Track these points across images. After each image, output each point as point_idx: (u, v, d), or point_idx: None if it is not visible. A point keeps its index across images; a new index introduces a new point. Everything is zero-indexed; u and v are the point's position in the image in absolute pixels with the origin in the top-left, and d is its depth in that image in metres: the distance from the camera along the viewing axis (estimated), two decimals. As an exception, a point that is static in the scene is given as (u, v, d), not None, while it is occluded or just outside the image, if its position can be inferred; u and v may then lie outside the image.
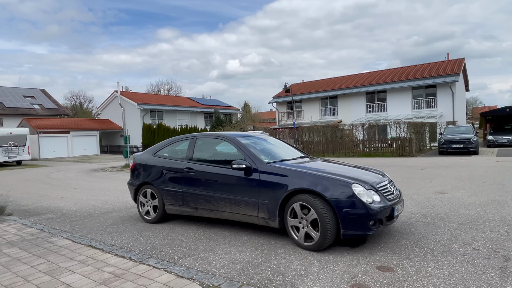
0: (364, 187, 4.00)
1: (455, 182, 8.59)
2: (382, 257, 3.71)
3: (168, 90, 60.65)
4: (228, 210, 4.77)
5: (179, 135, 30.51)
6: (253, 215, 4.51)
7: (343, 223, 3.84)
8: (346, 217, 3.83)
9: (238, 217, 4.70)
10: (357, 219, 3.82)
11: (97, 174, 15.16)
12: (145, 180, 5.74)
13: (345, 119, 30.78)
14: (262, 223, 4.47)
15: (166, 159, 5.62)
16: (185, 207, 5.24)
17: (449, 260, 3.56)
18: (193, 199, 5.11)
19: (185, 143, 5.62)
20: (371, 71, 35.86)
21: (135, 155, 6.26)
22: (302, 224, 4.07)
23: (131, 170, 6.13)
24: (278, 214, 4.26)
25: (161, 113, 37.48)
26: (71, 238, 4.93)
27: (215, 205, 4.88)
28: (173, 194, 5.34)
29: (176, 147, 5.75)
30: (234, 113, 46.38)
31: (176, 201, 5.33)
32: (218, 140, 5.47)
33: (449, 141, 18.09)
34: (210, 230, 5.03)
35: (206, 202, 4.97)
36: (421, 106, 28.19)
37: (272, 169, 4.44)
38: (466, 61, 29.91)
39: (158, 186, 5.52)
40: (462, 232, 4.48)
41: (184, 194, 5.22)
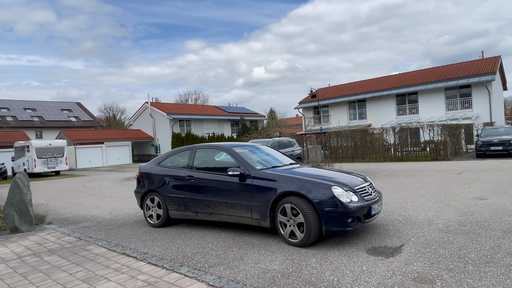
0: (343, 189, 4.48)
1: (496, 186, 8.10)
2: (419, 267, 3.55)
3: (196, 99, 62.02)
4: (225, 213, 5.25)
5: (206, 142, 30.71)
6: (247, 216, 4.99)
7: (325, 221, 4.33)
8: (327, 215, 4.32)
9: (234, 219, 5.18)
10: (336, 217, 4.31)
11: (130, 183, 15.66)
12: (150, 188, 6.24)
13: (374, 123, 30.01)
14: (255, 223, 4.96)
15: (169, 168, 6.13)
16: (187, 211, 5.74)
17: (492, 271, 3.34)
18: (194, 204, 5.61)
19: (185, 153, 6.14)
20: (400, 73, 34.85)
21: (140, 166, 6.70)
22: (289, 222, 4.57)
23: (137, 179, 6.58)
24: (269, 215, 4.73)
25: (189, 122, 38.32)
26: (107, 246, 5.10)
27: (213, 209, 5.38)
28: (176, 200, 5.83)
29: (178, 157, 6.24)
30: (260, 120, 46.55)
31: (178, 207, 5.82)
32: (215, 150, 5.99)
33: (487, 143, 17.13)
34: (240, 238, 5.03)
35: (206, 207, 5.46)
36: (455, 107, 26.98)
37: (263, 175, 4.95)
38: (502, 58, 28.44)
39: (162, 193, 6.01)
40: (505, 240, 4.20)
41: (185, 200, 5.71)
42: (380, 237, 4.67)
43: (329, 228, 4.34)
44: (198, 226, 5.97)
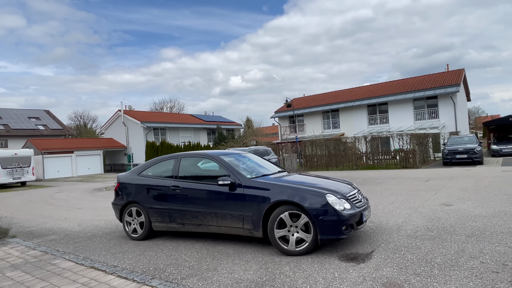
0: (336, 196, 4.47)
1: (461, 193, 8.50)
2: (388, 273, 3.65)
3: (171, 107, 61.22)
4: (214, 224, 5.07)
5: (181, 151, 30.46)
6: (239, 227, 4.84)
7: (320, 229, 4.29)
8: (322, 223, 4.28)
9: (224, 229, 5.01)
10: (331, 225, 4.28)
11: (101, 194, 15.15)
12: (130, 199, 5.93)
13: (347, 132, 30.78)
14: (247, 234, 4.81)
15: (152, 178, 5.86)
16: (172, 223, 5.48)
17: (456, 274, 3.49)
18: (180, 215, 5.37)
19: (169, 162, 5.87)
20: (372, 84, 36.10)
21: (119, 176, 6.35)
22: (291, 231, 4.45)
23: (115, 190, 6.26)
24: (261, 225, 4.62)
25: (164, 131, 37.72)
26: (74, 259, 4.89)
27: (202, 220, 5.17)
28: (160, 212, 5.57)
29: (160, 167, 5.97)
30: (237, 128, 46.59)
31: (163, 218, 5.56)
32: (201, 159, 5.79)
33: (453, 151, 17.99)
34: (214, 248, 4.98)
35: (193, 218, 5.25)
36: (423, 117, 28.19)
37: (255, 184, 4.85)
38: (466, 71, 30.07)
39: (145, 205, 5.73)
40: (469, 245, 4.40)
41: (171, 211, 5.45)
42: (352, 244, 4.77)
43: (324, 236, 4.29)
44: (171, 237, 5.85)
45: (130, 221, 5.96)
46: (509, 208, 6.42)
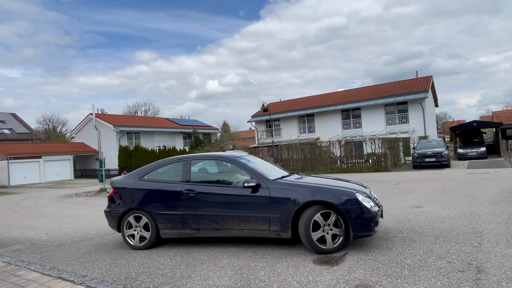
0: (363, 195, 4.66)
1: (430, 195, 8.84)
2: (361, 274, 3.72)
3: (146, 111, 59.97)
4: (236, 227, 4.91)
5: (157, 156, 29.95)
6: (264, 229, 4.77)
7: (353, 227, 4.45)
8: (355, 221, 4.45)
9: (247, 232, 4.91)
10: (363, 223, 4.48)
11: (70, 200, 14.58)
12: (132, 206, 5.45)
13: (322, 136, 31.33)
14: (273, 235, 4.77)
15: (158, 183, 5.46)
16: (185, 229, 5.18)
17: (425, 274, 3.61)
18: (195, 220, 5.10)
19: (177, 165, 5.56)
20: (345, 90, 37.06)
21: (114, 181, 5.85)
22: (325, 231, 4.53)
23: (110, 197, 5.73)
24: (291, 226, 4.60)
25: (138, 135, 36.89)
26: (40, 270, 4.66)
27: (221, 224, 4.97)
28: (170, 218, 5.22)
29: (165, 170, 5.65)
30: (213, 132, 46.30)
31: (174, 225, 5.21)
32: (215, 161, 5.65)
33: (422, 155, 18.71)
34: (188, 255, 4.90)
35: (211, 222, 5.02)
36: (394, 122, 29.18)
37: (281, 185, 4.84)
38: (434, 78, 31.48)
39: (151, 211, 5.31)
40: (437, 245, 4.57)
41: (184, 217, 5.15)
42: (326, 247, 4.83)
43: (358, 233, 4.46)
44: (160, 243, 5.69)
45: (132, 230, 5.46)
46: (474, 209, 6.73)
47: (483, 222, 5.63)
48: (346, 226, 4.52)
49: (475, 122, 28.92)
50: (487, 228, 5.24)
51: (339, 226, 4.55)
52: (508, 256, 3.94)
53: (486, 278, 3.40)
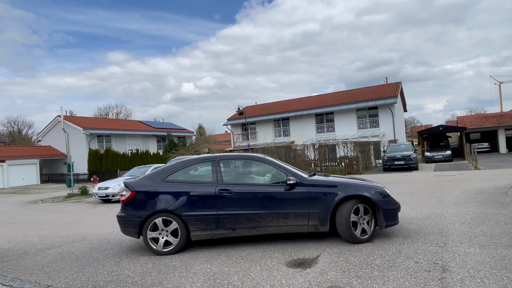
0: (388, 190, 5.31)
1: (398, 197, 9.12)
2: (333, 276, 3.78)
3: (118, 113, 58.40)
4: (274, 224, 5.09)
5: (129, 160, 28.95)
6: (303, 224, 5.06)
7: (385, 217, 5.03)
8: (386, 212, 5.04)
9: (285, 228, 5.12)
10: (393, 213, 5.12)
11: (36, 206, 13.89)
12: (158, 208, 5.13)
13: (297, 140, 31.73)
14: (312, 229, 5.10)
15: (187, 184, 5.29)
16: (219, 229, 5.12)
17: (394, 275, 3.72)
18: (231, 220, 5.09)
19: (204, 165, 5.56)
20: (319, 94, 37.81)
21: (132, 183, 5.42)
22: (359, 222, 5.02)
23: (127, 201, 5.29)
24: (329, 220, 4.99)
25: (109, 138, 35.79)
26: (1, 281, 4.40)
27: (259, 222, 5.08)
28: (203, 219, 5.10)
29: (191, 170, 5.56)
30: (188, 136, 45.71)
31: (207, 226, 5.10)
32: (245, 161, 5.77)
33: (392, 158, 19.37)
34: (160, 262, 4.78)
35: (249, 221, 5.08)
36: (365, 126, 30.05)
37: (318, 182, 5.22)
38: (403, 84, 32.73)
39: (182, 213, 5.09)
40: (405, 246, 4.73)
41: (219, 217, 5.08)
42: (300, 249, 4.88)
43: (388, 223, 5.06)
44: (113, 252, 5.52)
45: (157, 233, 5.15)
46: (440, 210, 7.03)
47: (448, 223, 5.88)
48: (375, 218, 5.12)
49: (441, 126, 30.32)
50: (451, 229, 5.48)
51: (371, 217, 5.12)
52: (471, 255, 4.14)
53: (450, 277, 3.55)
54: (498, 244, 4.50)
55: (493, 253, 4.14)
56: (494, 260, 3.90)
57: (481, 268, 3.71)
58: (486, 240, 4.72)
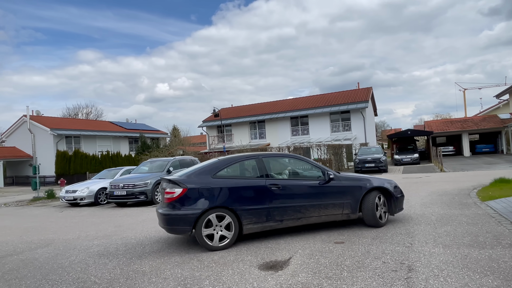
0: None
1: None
2: (304, 278, 3.82)
3: (88, 114, 56.40)
4: (316, 215, 5.76)
5: (99, 162, 28.07)
6: (338, 213, 5.90)
7: (398, 205, 6.28)
8: (398, 200, 6.27)
9: (324, 218, 5.85)
10: (402, 201, 6.42)
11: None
12: (213, 204, 5.18)
13: (273, 142, 31.93)
14: (345, 218, 5.99)
15: (238, 179, 5.56)
16: (269, 222, 5.46)
17: (362, 275, 3.81)
18: (280, 212, 5.50)
19: (250, 162, 5.93)
20: (294, 98, 38.24)
21: (182, 180, 5.33)
22: (378, 210, 6.01)
23: (178, 198, 5.17)
24: (358, 208, 5.94)
25: (79, 139, 34.49)
26: (-47, 292, 4.11)
27: (303, 213, 5.66)
28: (255, 212, 5.36)
29: (238, 167, 5.84)
30: (162, 137, 44.85)
31: (258, 219, 5.38)
32: (287, 159, 6.58)
33: (363, 161, 19.93)
34: (128, 268, 4.65)
35: (295, 212, 5.60)
36: (338, 129, 30.75)
37: (346, 177, 6.14)
38: (374, 89, 33.83)
39: (236, 207, 5.26)
40: (374, 246, 4.86)
41: (270, 210, 5.43)
42: (272, 251, 4.90)
43: (399, 209, 6.33)
44: (80, 258, 5.31)
45: (212, 229, 5.15)
46: (407, 211, 7.27)
47: (414, 223, 6.11)
48: (389, 205, 6.22)
49: (409, 130, 31.53)
50: (418, 229, 5.69)
51: (385, 205, 6.19)
52: (435, 255, 4.31)
53: (416, 276, 3.68)
54: (460, 244, 4.72)
55: (455, 253, 4.34)
56: (456, 260, 4.08)
57: (444, 267, 3.87)
58: (450, 240, 4.94)
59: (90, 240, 6.64)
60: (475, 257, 4.11)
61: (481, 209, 7.01)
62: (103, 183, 13.54)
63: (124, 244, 6.05)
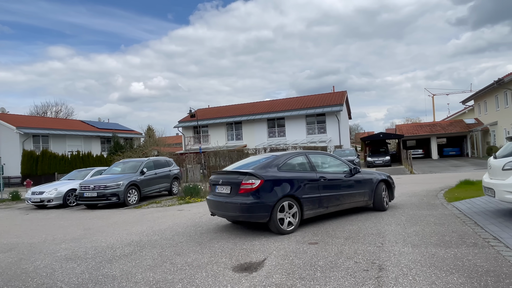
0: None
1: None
2: (278, 279, 3.82)
3: (57, 112, 54.14)
4: (348, 202, 6.99)
5: (69, 162, 27.06)
6: (361, 200, 7.28)
7: (392, 193, 8.00)
8: (393, 190, 8.00)
9: (353, 204, 7.17)
10: (394, 190, 8.12)
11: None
12: (285, 193, 5.96)
13: (249, 144, 31.94)
14: (364, 204, 7.46)
15: (297, 172, 6.43)
16: (319, 208, 6.47)
17: (335, 275, 3.86)
18: (327, 200, 6.56)
19: (299, 158, 6.75)
20: (271, 100, 38.51)
21: (259, 173, 5.93)
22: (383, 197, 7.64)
23: (257, 188, 5.77)
24: (372, 196, 7.44)
25: (47, 138, 33.02)
26: None
27: (341, 201, 6.82)
28: (312, 200, 6.32)
29: (293, 162, 6.59)
30: (136, 137, 43.75)
31: (313, 206, 6.34)
32: (322, 155, 7.60)
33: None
34: (98, 272, 4.48)
35: (336, 200, 6.74)
36: (314, 132, 31.22)
37: (366, 171, 7.74)
38: (348, 93, 34.61)
39: (299, 196, 6.13)
40: (346, 247, 4.94)
41: (320, 198, 6.45)
42: (247, 253, 4.88)
43: (393, 198, 8.04)
44: (46, 263, 5.07)
45: (283, 215, 5.93)
46: (379, 212, 7.47)
47: (385, 224, 6.28)
48: (389, 193, 7.88)
49: (381, 134, 32.54)
50: (388, 229, 5.85)
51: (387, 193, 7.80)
52: (405, 254, 4.45)
53: (386, 275, 3.77)
54: (428, 243, 4.90)
55: (423, 252, 4.49)
56: (424, 259, 4.23)
57: (413, 266, 4.00)
58: (418, 239, 5.11)
59: (57, 243, 6.36)
60: (441, 256, 4.28)
61: (448, 209, 7.31)
62: (73, 184, 13.05)
63: (93, 247, 5.84)
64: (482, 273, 3.65)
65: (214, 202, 6.40)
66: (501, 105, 27.10)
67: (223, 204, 6.13)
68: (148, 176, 12.80)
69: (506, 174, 5.83)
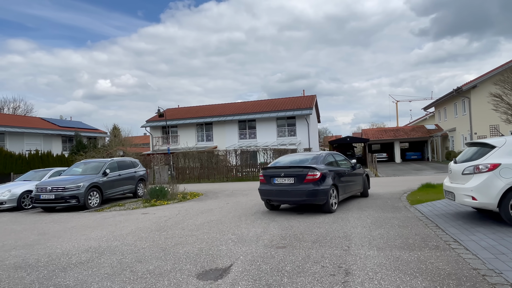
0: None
1: (311, 203, 9.62)
2: (243, 286, 3.69)
3: (15, 108, 50.87)
4: (354, 190, 9.48)
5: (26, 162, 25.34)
6: (358, 188, 9.85)
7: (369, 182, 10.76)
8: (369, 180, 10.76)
9: (353, 193, 9.55)
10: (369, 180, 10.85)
11: None
12: (332, 182, 7.92)
13: (220, 145, 31.62)
14: (359, 192, 10.08)
15: (333, 167, 8.57)
16: (344, 194, 8.71)
17: (302, 280, 3.79)
18: (347, 187, 8.90)
19: (330, 157, 9.00)
20: (243, 101, 38.39)
21: (318, 167, 7.85)
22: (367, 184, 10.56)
23: (318, 179, 7.62)
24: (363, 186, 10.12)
25: (3, 136, 30.90)
26: None
27: (352, 188, 9.26)
28: (342, 187, 8.49)
29: (329, 159, 8.76)
30: (101, 137, 41.99)
31: (343, 191, 8.55)
32: (337, 154, 9.68)
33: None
34: (49, 282, 4.12)
35: (349, 188, 9.07)
36: (284, 134, 31.48)
37: (357, 168, 9.79)
38: (318, 97, 35.32)
39: (338, 184, 8.21)
40: (313, 250, 4.91)
41: (345, 186, 8.70)
42: (213, 259, 4.71)
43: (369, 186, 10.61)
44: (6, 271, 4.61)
45: (331, 199, 7.87)
46: (345, 214, 7.55)
47: (351, 226, 6.34)
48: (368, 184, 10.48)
49: (348, 137, 33.43)
50: (354, 232, 5.91)
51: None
52: (370, 258, 4.47)
53: (352, 280, 3.76)
54: (392, 246, 4.97)
55: (388, 255, 4.54)
56: (389, 262, 4.27)
57: (378, 270, 4.01)
58: (383, 242, 5.18)
59: (7, 250, 5.86)
60: (405, 259, 4.34)
61: (411, 212, 7.53)
62: (29, 186, 12.20)
63: (47, 254, 5.43)
64: (444, 276, 3.73)
65: (274, 191, 7.95)
66: (460, 112, 28.69)
67: (288, 191, 7.77)
68: (111, 178, 12.23)
69: (466, 178, 6.08)
